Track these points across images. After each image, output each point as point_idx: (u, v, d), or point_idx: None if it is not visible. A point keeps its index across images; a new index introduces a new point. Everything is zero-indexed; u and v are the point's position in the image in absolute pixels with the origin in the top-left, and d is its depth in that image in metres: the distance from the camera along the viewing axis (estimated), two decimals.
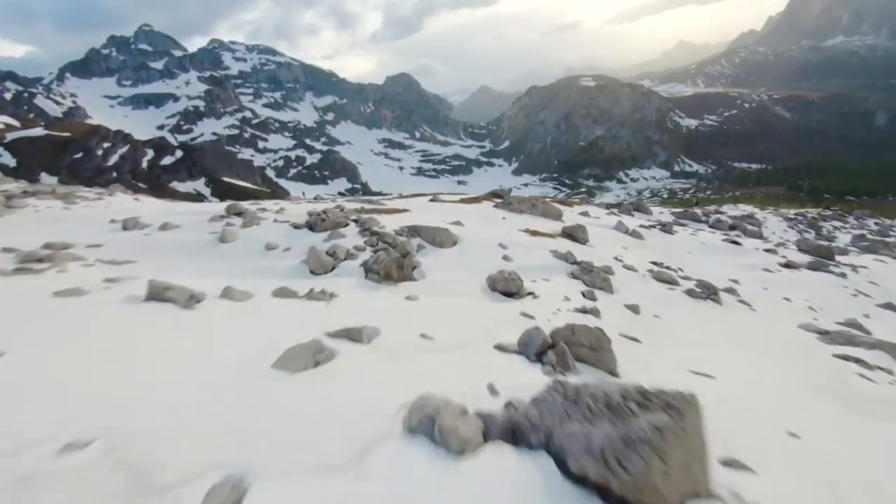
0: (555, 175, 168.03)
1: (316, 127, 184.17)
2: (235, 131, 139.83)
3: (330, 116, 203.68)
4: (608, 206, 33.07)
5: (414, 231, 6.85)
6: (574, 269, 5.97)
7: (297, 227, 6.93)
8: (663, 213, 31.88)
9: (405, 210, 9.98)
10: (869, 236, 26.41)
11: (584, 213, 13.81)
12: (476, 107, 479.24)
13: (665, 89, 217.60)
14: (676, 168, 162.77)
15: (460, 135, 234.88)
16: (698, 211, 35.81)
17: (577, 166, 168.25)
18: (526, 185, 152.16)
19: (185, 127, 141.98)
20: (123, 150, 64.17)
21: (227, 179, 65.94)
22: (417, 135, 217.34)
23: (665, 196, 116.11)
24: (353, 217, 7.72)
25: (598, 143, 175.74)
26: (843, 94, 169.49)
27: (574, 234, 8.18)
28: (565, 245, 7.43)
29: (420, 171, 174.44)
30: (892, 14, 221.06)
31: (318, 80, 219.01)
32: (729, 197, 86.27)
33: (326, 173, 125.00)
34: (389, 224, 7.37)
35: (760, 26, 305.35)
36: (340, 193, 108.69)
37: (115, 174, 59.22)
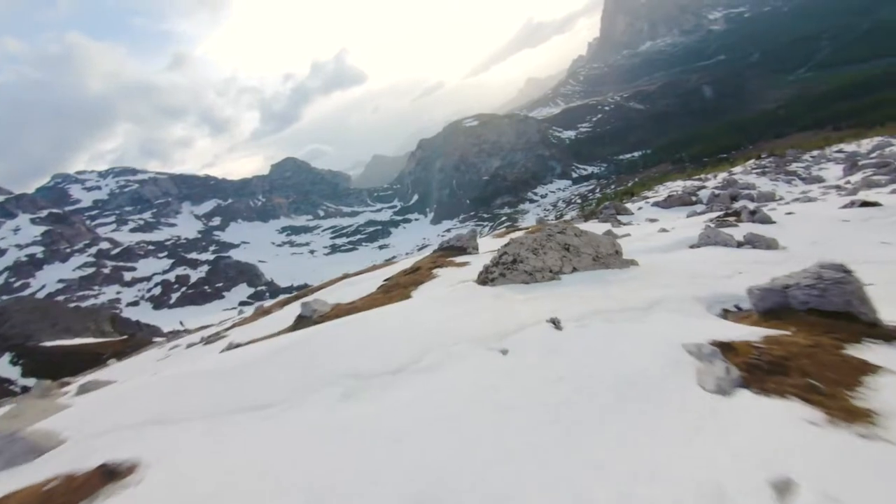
0: (472, 213, 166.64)
1: (201, 237, 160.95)
2: (90, 270, 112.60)
3: (216, 221, 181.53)
4: (585, 217, 23.85)
5: None
6: None
7: None
8: (642, 208, 23.07)
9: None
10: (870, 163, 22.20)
11: (608, 234, 8.38)
12: (375, 174, 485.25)
13: (535, 114, 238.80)
14: (574, 175, 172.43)
15: (367, 201, 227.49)
16: (679, 190, 28.33)
17: (488, 199, 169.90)
18: (448, 230, 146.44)
19: (17, 284, 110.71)
20: None
21: (49, 344, 45.58)
22: (321, 213, 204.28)
23: (579, 201, 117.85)
24: None
25: (499, 173, 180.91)
26: (672, 81, 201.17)
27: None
28: None
29: (335, 249, 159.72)
30: (674, 19, 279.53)
31: (193, 188, 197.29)
32: (636, 183, 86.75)
33: (219, 285, 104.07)
34: None
35: (584, 52, 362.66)
36: (242, 303, 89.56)
37: None
